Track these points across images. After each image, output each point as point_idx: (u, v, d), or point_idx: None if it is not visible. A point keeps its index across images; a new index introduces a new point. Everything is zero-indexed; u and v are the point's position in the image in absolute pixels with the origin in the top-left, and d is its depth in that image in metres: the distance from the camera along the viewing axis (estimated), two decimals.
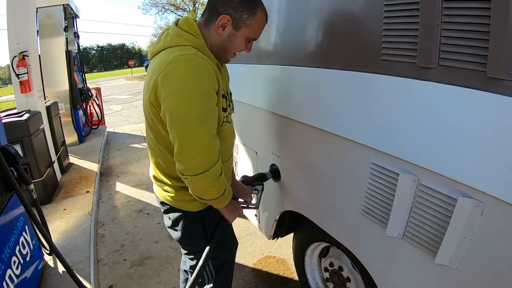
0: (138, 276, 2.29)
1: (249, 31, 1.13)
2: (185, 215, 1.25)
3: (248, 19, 1.10)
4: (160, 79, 0.99)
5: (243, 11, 1.09)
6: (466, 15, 0.76)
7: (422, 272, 0.98)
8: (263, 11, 1.14)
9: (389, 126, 0.98)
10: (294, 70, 1.40)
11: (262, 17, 1.14)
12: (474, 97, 0.76)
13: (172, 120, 1.00)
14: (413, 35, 0.87)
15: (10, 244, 1.64)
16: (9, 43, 3.32)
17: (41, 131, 3.33)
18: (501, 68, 0.70)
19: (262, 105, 1.70)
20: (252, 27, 1.12)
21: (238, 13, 1.09)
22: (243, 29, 1.12)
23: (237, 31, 1.12)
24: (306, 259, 1.78)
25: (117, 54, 66.56)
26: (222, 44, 1.14)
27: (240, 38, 1.13)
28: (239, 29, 1.12)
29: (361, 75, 1.05)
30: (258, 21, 1.13)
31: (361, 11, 1.07)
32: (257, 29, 1.15)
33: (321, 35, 1.27)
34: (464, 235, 0.82)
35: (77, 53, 5.91)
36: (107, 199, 3.61)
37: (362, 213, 1.14)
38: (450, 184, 0.83)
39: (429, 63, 0.84)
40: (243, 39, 1.14)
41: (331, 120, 1.22)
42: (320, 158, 1.36)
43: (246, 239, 2.65)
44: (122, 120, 8.79)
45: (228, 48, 1.16)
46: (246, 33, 1.13)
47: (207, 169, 1.03)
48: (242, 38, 1.14)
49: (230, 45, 1.15)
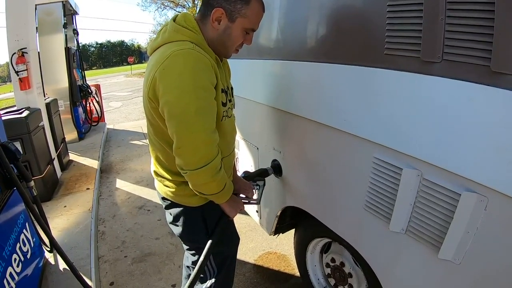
0: (139, 273, 2.29)
1: (245, 21, 1.09)
2: (186, 210, 1.25)
3: (243, 9, 1.08)
4: (158, 74, 0.99)
5: (236, 1, 1.07)
6: (470, 10, 0.76)
7: (425, 267, 0.98)
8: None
9: (392, 121, 0.98)
10: (296, 65, 1.39)
11: (258, 5, 1.10)
12: (478, 92, 0.76)
13: (171, 114, 1.00)
14: (417, 29, 0.87)
15: (10, 242, 1.63)
16: (8, 40, 3.30)
17: (40, 128, 3.32)
18: (506, 63, 0.70)
19: (264, 100, 1.69)
20: (248, 17, 1.09)
21: (231, 4, 1.07)
22: (238, 20, 1.09)
23: (232, 23, 1.10)
24: (308, 255, 1.78)
25: (116, 51, 66.27)
26: (220, 38, 1.12)
27: (237, 30, 1.11)
28: (235, 21, 1.09)
29: (365, 69, 1.05)
30: (253, 11, 1.09)
31: (364, 5, 1.07)
32: (254, 19, 1.11)
33: (324, 30, 1.26)
34: (467, 230, 0.82)
35: (76, 50, 5.88)
36: (108, 196, 3.61)
37: (365, 208, 1.14)
38: (453, 179, 0.83)
39: (433, 57, 0.84)
40: (241, 31, 1.11)
41: (334, 115, 1.21)
42: (322, 153, 1.35)
43: (247, 235, 2.65)
44: (121, 117, 8.79)
45: (226, 43, 1.13)
46: (242, 24, 1.10)
47: (206, 164, 1.03)
48: (239, 30, 1.11)
49: (228, 38, 1.12)
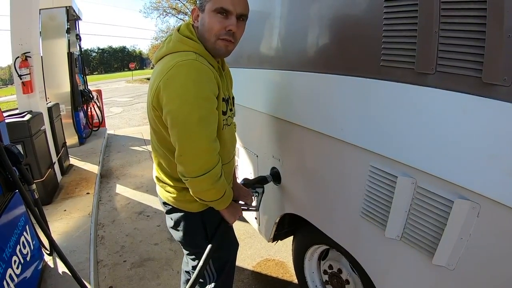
0: (138, 278, 2.29)
1: (211, 4, 1.08)
2: (186, 216, 1.27)
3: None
4: (162, 84, 1.03)
5: None
6: (463, 23, 0.79)
7: (420, 273, 1.00)
8: None
9: (388, 130, 1.00)
10: (295, 75, 1.42)
11: None
12: (470, 102, 0.78)
13: (173, 123, 1.03)
14: (412, 42, 0.90)
15: (11, 244, 1.65)
16: (12, 44, 3.34)
17: (42, 132, 3.34)
18: (496, 74, 0.73)
19: (263, 109, 1.72)
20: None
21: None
22: (207, 6, 1.09)
23: (203, 12, 1.11)
24: (306, 261, 1.79)
25: (117, 57, 66.59)
26: (201, 34, 1.13)
27: (208, 16, 1.09)
28: (205, 9, 1.10)
29: (361, 80, 1.08)
30: None
31: (361, 18, 1.10)
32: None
33: (323, 41, 1.30)
34: (461, 236, 0.84)
35: (78, 55, 5.94)
36: (107, 201, 3.62)
37: (362, 215, 1.16)
38: (447, 187, 0.85)
39: (427, 69, 0.87)
40: (212, 16, 1.08)
41: (332, 124, 1.24)
42: (320, 162, 1.38)
43: (245, 242, 2.66)
44: (122, 123, 8.81)
45: (206, 34, 1.12)
46: (210, 7, 1.08)
47: (207, 172, 1.06)
48: (210, 15, 1.09)
49: (205, 29, 1.11)
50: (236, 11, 1.09)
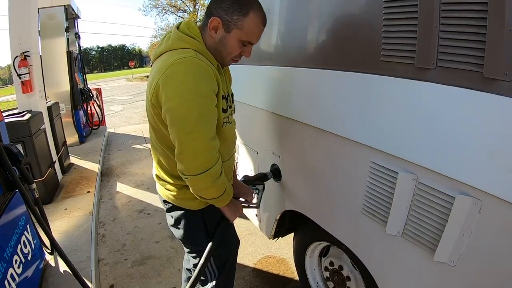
0: (139, 276, 2.30)
1: (241, 33, 1.09)
2: (187, 213, 1.27)
3: (239, 21, 1.07)
4: (161, 81, 1.02)
5: (233, 12, 1.07)
6: (463, 17, 0.78)
7: (421, 270, 0.99)
8: (258, 13, 1.10)
9: (388, 126, 1.00)
10: (295, 71, 1.41)
11: (256, 19, 1.09)
12: (471, 97, 0.78)
13: (172, 121, 1.03)
14: (412, 37, 0.89)
15: (12, 243, 1.65)
16: (11, 44, 3.33)
17: (42, 131, 3.34)
18: (497, 69, 0.72)
19: (263, 105, 1.71)
20: (244, 29, 1.09)
21: (229, 14, 1.07)
22: (234, 32, 1.09)
23: (228, 34, 1.10)
24: (307, 258, 1.79)
25: (117, 55, 66.61)
26: (215, 47, 1.13)
27: (232, 41, 1.11)
28: (230, 32, 1.09)
29: (361, 76, 1.07)
30: (251, 23, 1.08)
31: (361, 14, 1.09)
32: (250, 32, 1.10)
33: (323, 37, 1.29)
34: (462, 233, 0.83)
35: (78, 54, 5.93)
36: (108, 199, 3.62)
37: (362, 211, 1.16)
38: (448, 183, 0.85)
39: (428, 64, 0.86)
40: (236, 43, 1.11)
41: (332, 120, 1.23)
42: (320, 158, 1.37)
43: (246, 239, 2.66)
44: (122, 121, 8.81)
45: (222, 52, 1.14)
46: (238, 35, 1.09)
47: (207, 170, 1.05)
48: (234, 41, 1.11)
49: (223, 49, 1.13)
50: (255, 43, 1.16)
